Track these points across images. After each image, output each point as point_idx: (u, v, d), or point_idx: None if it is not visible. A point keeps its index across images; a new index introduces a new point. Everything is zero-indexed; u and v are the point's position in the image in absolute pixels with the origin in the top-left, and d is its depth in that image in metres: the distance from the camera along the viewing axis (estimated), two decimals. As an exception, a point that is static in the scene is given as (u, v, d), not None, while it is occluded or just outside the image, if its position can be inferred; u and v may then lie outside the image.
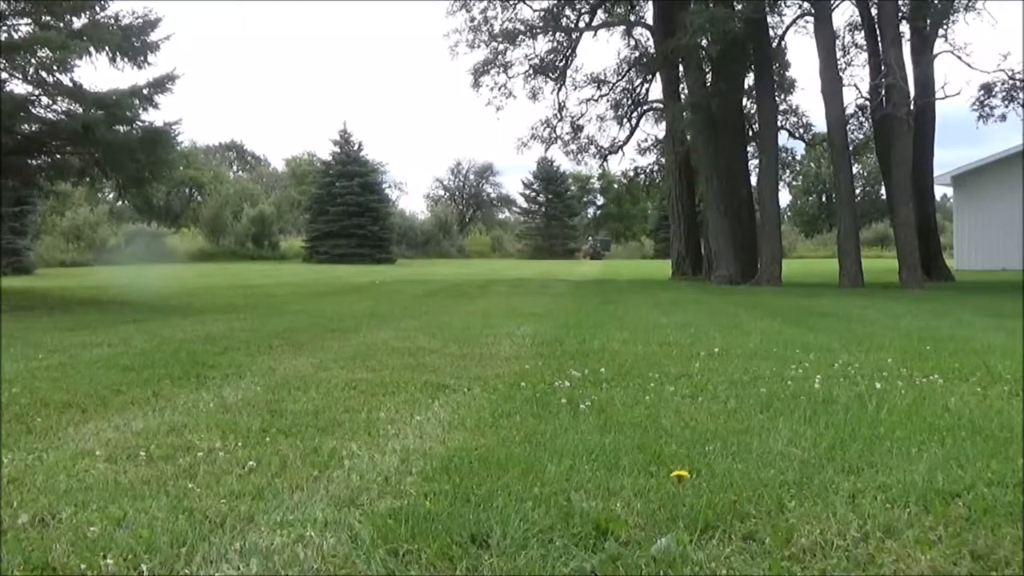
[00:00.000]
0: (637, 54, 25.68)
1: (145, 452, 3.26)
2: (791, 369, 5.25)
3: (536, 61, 24.49)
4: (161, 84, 13.28)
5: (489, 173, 79.28)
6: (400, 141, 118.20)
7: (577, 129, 25.61)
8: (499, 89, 24.33)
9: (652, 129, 27.86)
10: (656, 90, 25.63)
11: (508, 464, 2.99)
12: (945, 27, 20.31)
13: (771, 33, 21.82)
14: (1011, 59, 21.22)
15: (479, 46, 23.75)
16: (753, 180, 22.36)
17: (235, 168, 77.79)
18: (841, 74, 20.21)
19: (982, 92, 20.02)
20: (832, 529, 2.35)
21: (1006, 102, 19.86)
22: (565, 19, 24.76)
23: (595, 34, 25.62)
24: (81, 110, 12.97)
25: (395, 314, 10.38)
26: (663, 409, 4.05)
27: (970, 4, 20.16)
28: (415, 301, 13.22)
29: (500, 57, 23.96)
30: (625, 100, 26.02)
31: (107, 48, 12.74)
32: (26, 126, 13.31)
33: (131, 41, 12.90)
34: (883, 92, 18.24)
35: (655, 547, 2.22)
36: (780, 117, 23.40)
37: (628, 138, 26.23)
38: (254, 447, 3.36)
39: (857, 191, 34.92)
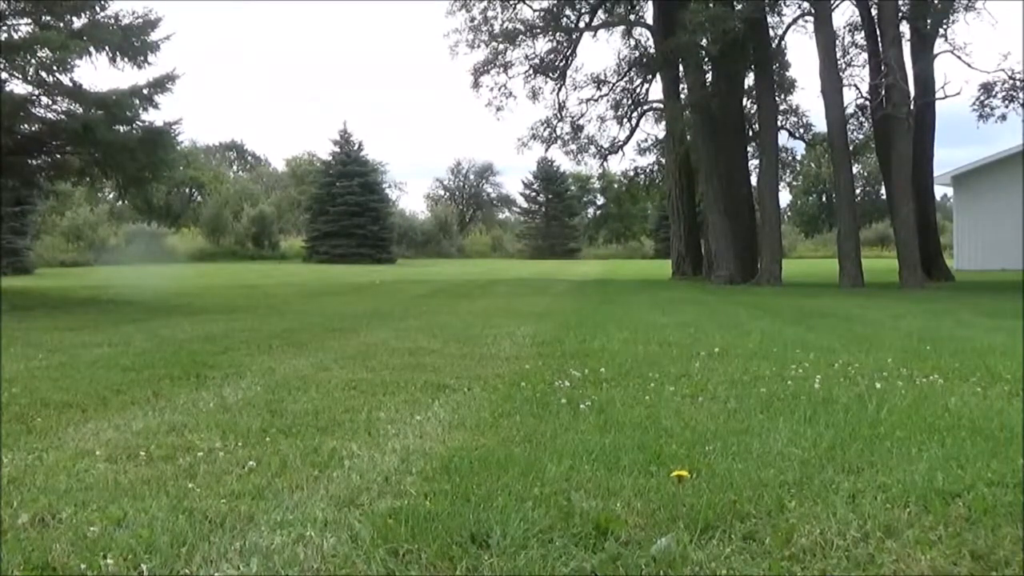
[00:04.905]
0: (637, 54, 25.65)
1: (145, 452, 3.27)
2: (791, 369, 5.25)
3: (536, 61, 24.47)
4: (161, 84, 13.29)
5: (489, 173, 79.25)
6: (400, 141, 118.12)
7: (577, 129, 25.58)
8: (499, 89, 24.34)
9: (652, 129, 27.87)
10: (656, 90, 25.64)
11: (508, 464, 2.99)
12: (945, 27, 20.30)
13: (771, 33, 21.82)
14: (1011, 59, 21.28)
15: (479, 46, 23.75)
16: (753, 180, 22.36)
17: (235, 168, 77.69)
18: (841, 74, 20.21)
19: (982, 92, 20.01)
20: (832, 529, 2.35)
21: (1006, 102, 19.85)
22: (565, 19, 24.74)
23: (595, 34, 25.61)
24: (81, 110, 12.98)
25: (395, 314, 10.38)
26: (663, 409, 4.05)
27: (970, 4, 20.17)
28: (415, 301, 13.22)
29: (500, 57, 23.95)
30: (625, 100, 25.99)
31: (107, 48, 12.75)
32: (26, 126, 13.31)
33: (131, 41, 12.91)
34: (883, 92, 18.22)
35: (655, 547, 2.22)
36: (780, 117, 23.38)
37: (628, 138, 26.23)
38: (254, 447, 3.36)
39: (857, 191, 34.96)
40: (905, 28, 19.76)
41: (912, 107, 18.55)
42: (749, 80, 22.61)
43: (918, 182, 19.66)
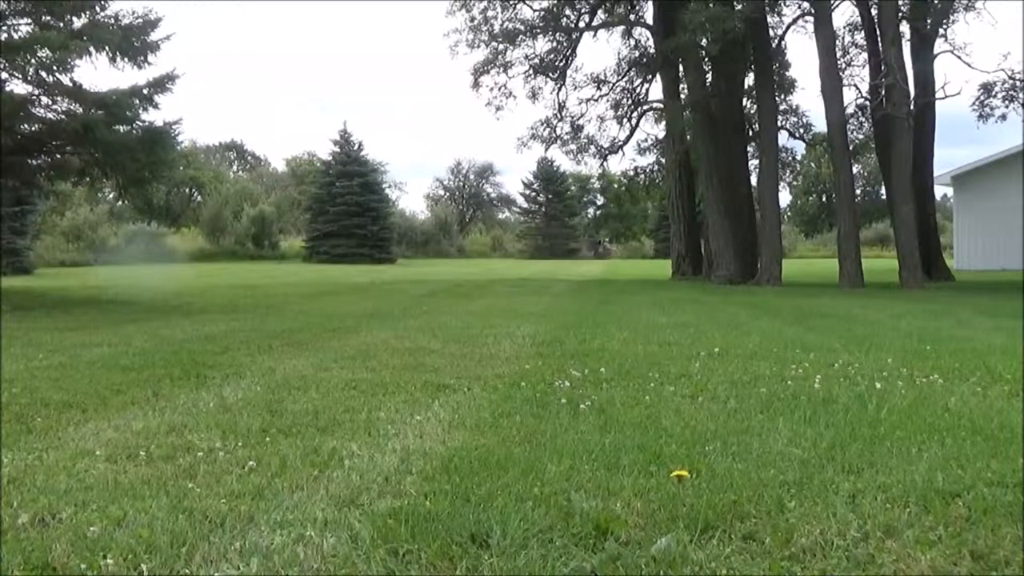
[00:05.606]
0: (637, 54, 25.64)
1: (145, 452, 3.27)
2: (791, 369, 5.25)
3: (536, 61, 24.44)
4: (161, 84, 13.29)
5: (489, 173, 79.25)
6: (400, 141, 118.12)
7: (577, 129, 25.53)
8: (499, 89, 24.31)
9: (652, 129, 27.85)
10: (656, 90, 25.62)
11: (508, 464, 2.99)
12: (945, 27, 20.32)
13: (771, 33, 21.83)
14: (1011, 59, 21.28)
15: (479, 46, 23.72)
16: (753, 180, 22.35)
17: (235, 168, 77.73)
18: (841, 74, 20.22)
19: (982, 92, 20.02)
20: (832, 529, 2.35)
21: (1006, 102, 19.86)
22: (565, 19, 24.72)
23: (595, 34, 25.59)
24: (81, 110, 12.97)
25: (395, 314, 10.38)
26: (663, 409, 4.05)
27: (970, 4, 20.19)
28: (415, 301, 13.21)
29: (500, 57, 23.92)
30: (625, 100, 25.96)
31: (107, 48, 12.75)
32: (26, 126, 13.31)
33: (131, 41, 12.91)
34: (883, 92, 18.23)
35: (655, 547, 2.22)
36: (780, 117, 23.38)
37: (628, 138, 26.18)
38: (254, 447, 3.36)
39: (857, 191, 34.92)
40: (905, 28, 19.77)
41: (912, 107, 18.56)
42: (749, 80, 22.60)
43: (918, 182, 19.67)
